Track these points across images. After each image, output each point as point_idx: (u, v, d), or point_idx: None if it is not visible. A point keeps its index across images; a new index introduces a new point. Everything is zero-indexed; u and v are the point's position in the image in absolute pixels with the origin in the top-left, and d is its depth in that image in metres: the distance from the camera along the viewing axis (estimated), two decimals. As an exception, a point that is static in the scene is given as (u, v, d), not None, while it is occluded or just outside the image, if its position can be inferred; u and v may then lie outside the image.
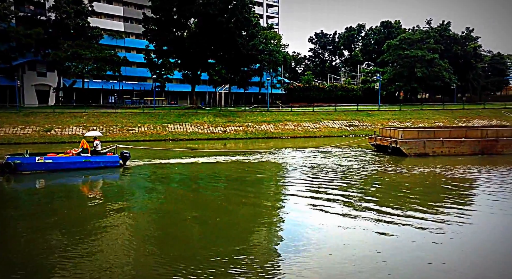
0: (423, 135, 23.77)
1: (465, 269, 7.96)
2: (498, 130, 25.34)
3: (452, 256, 8.49)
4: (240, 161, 22.32)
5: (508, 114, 48.63)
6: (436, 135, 23.88)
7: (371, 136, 27.00)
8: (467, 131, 24.98)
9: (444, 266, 8.00)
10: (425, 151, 23.22)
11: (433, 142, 23.39)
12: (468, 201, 13.28)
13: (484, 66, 75.73)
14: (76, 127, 34.97)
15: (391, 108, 50.86)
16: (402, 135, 23.38)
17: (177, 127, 37.62)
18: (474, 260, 8.43)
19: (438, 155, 23.23)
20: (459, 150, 23.54)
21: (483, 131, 24.85)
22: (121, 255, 8.63)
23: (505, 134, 24.77)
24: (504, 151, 23.96)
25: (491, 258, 8.55)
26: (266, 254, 8.72)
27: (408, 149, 23.05)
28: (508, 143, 24.22)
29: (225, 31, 43.66)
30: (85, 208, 12.82)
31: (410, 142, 23.11)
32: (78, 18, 48.59)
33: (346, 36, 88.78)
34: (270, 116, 42.71)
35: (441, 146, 23.38)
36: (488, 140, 24.10)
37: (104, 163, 19.75)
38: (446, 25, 74.72)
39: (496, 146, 24.03)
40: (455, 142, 23.59)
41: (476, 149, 23.78)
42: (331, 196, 13.72)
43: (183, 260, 8.32)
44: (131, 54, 65.09)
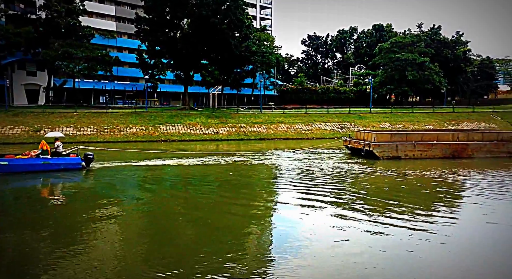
0: (395, 138, 23.70)
1: (452, 265, 8.06)
2: (469, 133, 25.39)
3: (442, 257, 8.58)
4: (206, 163, 21.88)
5: (496, 118, 49.42)
6: (408, 139, 23.86)
7: (346, 138, 26.86)
8: (439, 134, 24.98)
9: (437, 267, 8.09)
10: (398, 154, 23.14)
11: (405, 145, 23.29)
12: (446, 203, 13.40)
13: (473, 70, 76.95)
14: (67, 127, 34.55)
15: (383, 111, 51.29)
16: (375, 138, 23.31)
17: (169, 128, 37.42)
18: (461, 258, 8.53)
19: (410, 158, 23.15)
20: (430, 154, 23.51)
21: (454, 135, 24.85)
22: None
23: (475, 138, 24.81)
24: (474, 155, 24.00)
25: (477, 257, 8.66)
26: (259, 255, 8.70)
27: (381, 152, 22.96)
28: (478, 147, 24.22)
29: (218, 32, 43.61)
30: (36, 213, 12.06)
31: (383, 145, 23.02)
32: (69, 17, 48.08)
33: (339, 39, 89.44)
34: (263, 118, 42.75)
35: (413, 149, 23.31)
36: (459, 144, 24.09)
37: (65, 165, 18.72)
38: (436, 29, 75.75)
39: (466, 149, 24.04)
40: (426, 145, 23.56)
41: (447, 152, 23.77)
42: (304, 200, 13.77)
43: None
44: (123, 54, 64.65)
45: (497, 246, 9.54)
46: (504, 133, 25.94)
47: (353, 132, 28.59)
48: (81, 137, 33.53)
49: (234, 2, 44.03)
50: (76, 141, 32.71)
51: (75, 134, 33.91)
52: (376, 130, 30.18)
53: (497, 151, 24.35)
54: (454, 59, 72.80)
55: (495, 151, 24.34)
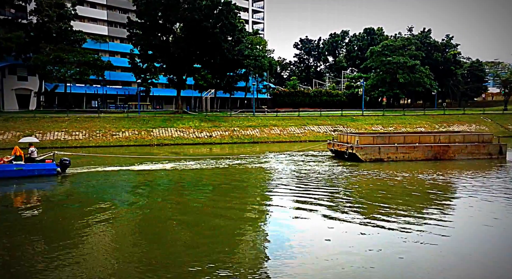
0: (378, 141, 23.70)
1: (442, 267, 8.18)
2: (450, 135, 25.48)
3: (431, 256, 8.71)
4: (179, 168, 21.60)
5: (486, 120, 50.09)
6: (391, 141, 23.89)
7: (330, 141, 26.84)
8: (421, 136, 25.02)
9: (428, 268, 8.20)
10: (380, 156, 23.11)
11: (388, 148, 23.30)
12: (436, 205, 13.55)
13: (463, 72, 77.92)
14: (58, 132, 34.29)
15: (375, 113, 51.73)
16: (358, 140, 23.28)
17: (162, 132, 37.32)
18: (452, 260, 8.65)
19: (392, 160, 23.17)
20: (412, 156, 23.52)
21: (436, 137, 24.91)
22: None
23: (456, 140, 24.91)
24: (456, 157, 24.11)
25: (468, 258, 8.80)
26: (252, 258, 8.74)
27: (364, 155, 22.93)
28: (460, 149, 24.31)
29: (210, 36, 43.72)
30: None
31: (365, 148, 23.00)
32: (61, 22, 47.81)
33: (330, 42, 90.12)
34: (256, 121, 42.83)
35: (395, 152, 23.31)
36: (441, 146, 24.18)
37: (39, 171, 18.13)
38: (427, 32, 76.79)
39: (448, 151, 24.13)
40: (408, 147, 23.60)
41: (429, 154, 23.81)
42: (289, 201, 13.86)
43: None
44: (115, 58, 64.41)
45: (487, 247, 9.70)
46: (485, 135, 26.02)
47: (336, 135, 28.27)
48: (73, 142, 33.30)
49: (227, 6, 44.22)
50: (68, 145, 32.52)
51: (66, 139, 33.66)
52: (359, 133, 29.97)
53: (478, 153, 24.48)
54: (444, 62, 73.80)
55: (475, 152, 24.45)
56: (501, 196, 14.42)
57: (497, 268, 8.33)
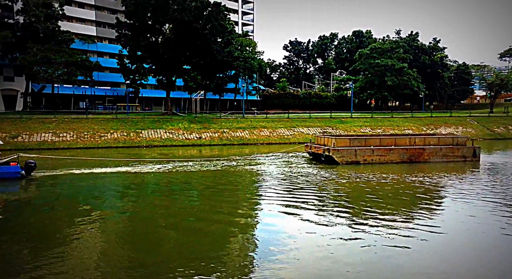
0: (354, 143, 23.73)
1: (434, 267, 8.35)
2: (425, 138, 25.59)
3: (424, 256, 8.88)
4: (129, 172, 21.51)
5: (473, 122, 51.02)
6: (367, 143, 23.90)
7: (307, 144, 26.73)
8: (396, 139, 25.10)
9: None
10: (357, 159, 23.13)
11: (364, 150, 23.33)
12: (419, 208, 13.80)
13: (450, 75, 79.27)
14: (45, 133, 33.82)
15: (363, 116, 52.24)
16: (335, 143, 23.24)
17: (151, 134, 37.11)
18: (437, 263, 8.84)
19: (369, 163, 23.21)
20: (388, 158, 23.58)
21: (411, 139, 25.02)
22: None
23: (431, 142, 25.05)
24: (430, 159, 24.23)
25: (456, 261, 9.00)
26: (241, 260, 8.79)
27: (340, 157, 22.90)
28: (434, 151, 24.42)
29: (200, 37, 43.68)
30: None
31: (342, 150, 23.00)
32: (48, 22, 47.26)
33: (320, 45, 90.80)
34: (246, 123, 42.89)
35: (371, 154, 23.35)
36: (416, 148, 24.25)
37: (1, 174, 17.70)
38: (414, 35, 77.92)
39: (423, 154, 24.22)
40: (384, 150, 23.68)
41: (404, 157, 23.88)
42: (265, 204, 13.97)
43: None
44: (104, 59, 63.83)
45: (470, 249, 9.92)
46: (459, 138, 26.26)
47: (314, 137, 27.99)
48: (60, 143, 32.88)
49: (216, 7, 44.26)
50: (56, 147, 32.10)
51: (54, 140, 33.23)
52: (336, 135, 29.90)
53: (452, 155, 24.70)
54: (432, 65, 74.97)
55: (450, 155, 24.67)
56: (484, 199, 14.74)
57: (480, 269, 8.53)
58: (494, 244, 9.84)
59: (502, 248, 9.63)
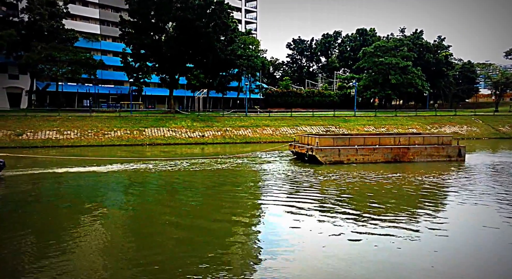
0: (338, 143, 23.21)
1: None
2: (410, 137, 25.10)
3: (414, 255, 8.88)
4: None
5: (477, 121, 50.70)
6: (351, 143, 23.39)
7: (291, 143, 26.15)
8: (381, 138, 24.59)
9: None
10: (340, 158, 22.59)
11: (348, 150, 22.83)
12: (410, 207, 13.77)
13: (455, 74, 78.80)
14: (49, 131, 34.03)
15: (367, 114, 52.07)
16: (318, 142, 22.68)
17: (154, 132, 37.23)
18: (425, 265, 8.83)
19: (352, 162, 22.68)
20: (372, 158, 23.10)
21: (396, 139, 24.46)
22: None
23: (416, 142, 24.59)
24: (415, 159, 23.81)
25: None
26: (244, 259, 8.80)
27: (324, 157, 22.32)
28: (419, 151, 24.01)
29: (203, 35, 43.70)
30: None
31: (325, 150, 22.44)
32: (52, 20, 47.48)
33: (323, 43, 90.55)
34: (248, 121, 42.90)
35: (355, 154, 22.83)
36: (400, 148, 23.82)
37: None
38: (419, 33, 77.50)
39: (407, 153, 23.81)
40: (368, 149, 23.14)
41: (388, 156, 23.42)
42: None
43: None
44: (108, 57, 64.08)
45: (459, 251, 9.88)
46: (444, 137, 25.84)
47: (298, 136, 27.40)
48: (64, 141, 33.08)
49: (219, 5, 44.24)
50: (60, 145, 32.31)
51: (58, 138, 33.43)
52: (319, 134, 29.12)
53: (437, 155, 24.32)
54: (436, 63, 74.55)
55: (435, 155, 24.28)
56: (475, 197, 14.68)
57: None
58: (495, 244, 9.80)
59: (503, 248, 9.59)
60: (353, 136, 27.21)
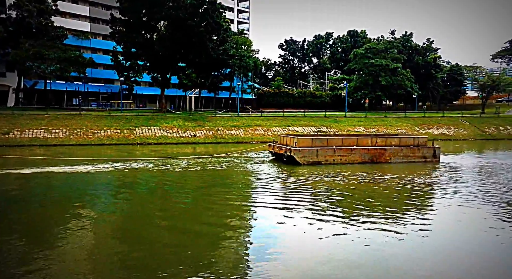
0: (316, 143, 23.25)
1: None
2: (387, 138, 25.30)
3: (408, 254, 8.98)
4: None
5: (464, 122, 51.54)
6: (329, 143, 23.48)
7: (270, 143, 26.05)
8: (358, 139, 24.73)
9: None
10: (318, 159, 22.65)
11: (326, 151, 22.91)
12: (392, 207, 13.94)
13: (443, 76, 79.96)
14: (37, 130, 33.47)
15: (357, 115, 52.49)
16: (296, 143, 22.64)
17: (145, 131, 36.92)
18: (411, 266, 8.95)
19: (330, 163, 22.75)
20: (350, 159, 23.23)
21: (373, 140, 24.65)
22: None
23: (393, 143, 24.84)
24: (391, 160, 24.09)
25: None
26: (236, 261, 8.78)
27: (302, 158, 22.30)
28: (396, 152, 24.28)
29: (195, 35, 43.50)
30: None
31: (303, 151, 22.43)
32: (41, 17, 46.71)
33: (315, 44, 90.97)
34: (240, 121, 42.86)
35: (333, 155, 22.93)
36: (377, 149, 24.01)
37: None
38: (408, 36, 78.42)
39: (384, 154, 24.02)
40: (346, 150, 23.28)
41: (366, 157, 23.61)
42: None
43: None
44: (98, 56, 63.32)
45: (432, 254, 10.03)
46: (420, 138, 26.12)
47: (277, 137, 27.24)
48: (53, 140, 32.58)
49: (212, 5, 44.10)
50: (48, 144, 31.80)
51: (46, 136, 32.91)
52: (298, 135, 29.06)
53: (413, 155, 24.60)
54: (425, 66, 75.56)
55: (410, 155, 24.55)
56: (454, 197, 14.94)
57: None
58: (480, 245, 9.98)
59: (489, 248, 9.77)
60: (331, 136, 27.16)
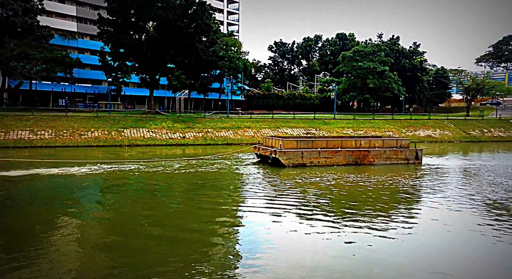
0: (301, 145, 23.21)
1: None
2: (370, 140, 25.40)
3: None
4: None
5: (450, 125, 52.49)
6: (314, 145, 23.51)
7: (256, 145, 25.99)
8: (343, 141, 24.79)
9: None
10: (303, 161, 22.67)
11: (311, 152, 22.93)
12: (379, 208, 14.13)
13: (429, 79, 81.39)
14: (22, 131, 32.78)
15: (346, 117, 52.97)
16: (282, 145, 22.62)
17: (133, 133, 36.52)
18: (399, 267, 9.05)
19: (315, 165, 22.80)
20: (334, 160, 23.36)
21: (357, 142, 24.85)
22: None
23: (376, 145, 25.07)
24: (375, 161, 24.26)
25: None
26: (224, 262, 8.73)
27: (287, 160, 22.27)
28: (379, 154, 24.45)
29: (184, 36, 43.29)
30: None
31: (288, 152, 22.40)
32: (26, 16, 45.85)
33: (304, 46, 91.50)
34: (230, 123, 42.78)
35: (318, 156, 23.01)
36: (361, 150, 24.17)
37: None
38: (395, 39, 79.58)
39: (368, 156, 24.19)
40: (330, 152, 23.39)
41: (350, 159, 23.73)
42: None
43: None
44: (85, 56, 62.48)
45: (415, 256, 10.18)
46: (403, 141, 26.38)
47: (263, 139, 27.11)
48: (38, 142, 31.96)
49: (201, 6, 43.98)
50: (33, 145, 31.17)
51: (31, 138, 32.26)
52: (283, 137, 29.00)
53: (396, 157, 24.88)
54: (412, 69, 76.77)
55: (393, 157, 24.83)
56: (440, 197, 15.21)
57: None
58: (464, 242, 10.17)
59: (474, 245, 9.95)
60: (316, 138, 27.24)
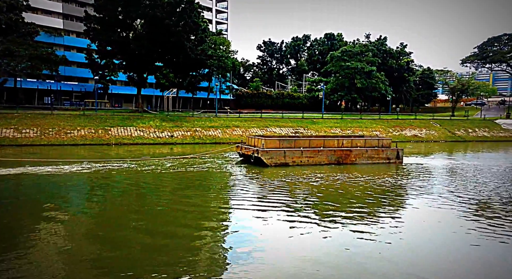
0: (284, 145, 23.20)
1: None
2: (352, 140, 25.64)
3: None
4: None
5: (436, 125, 53.43)
6: (296, 145, 23.48)
7: (238, 144, 25.95)
8: (325, 140, 24.88)
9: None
10: (286, 161, 22.65)
11: (293, 152, 22.93)
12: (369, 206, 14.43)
13: (415, 79, 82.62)
14: (6, 129, 32.20)
15: (334, 117, 53.44)
16: (264, 144, 22.55)
17: (121, 131, 36.21)
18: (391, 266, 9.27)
19: (298, 164, 22.78)
20: (317, 160, 23.42)
21: (339, 141, 24.98)
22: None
23: (358, 144, 25.14)
24: (357, 161, 24.46)
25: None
26: (212, 262, 8.80)
27: (269, 159, 22.20)
28: (361, 153, 24.68)
29: (172, 34, 43.06)
30: None
31: (271, 152, 22.34)
32: (11, 13, 44.95)
33: (293, 46, 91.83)
34: (218, 122, 42.76)
35: (300, 156, 23.01)
36: (343, 150, 24.34)
37: None
38: (383, 40, 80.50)
39: (350, 155, 24.38)
40: (313, 151, 23.44)
41: (332, 158, 23.84)
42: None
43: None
44: (71, 53, 61.58)
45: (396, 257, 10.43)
46: (384, 140, 26.66)
47: (246, 138, 27.12)
48: (23, 140, 31.44)
49: (190, 4, 43.79)
50: (18, 144, 30.67)
51: (16, 136, 31.72)
52: (265, 136, 28.97)
53: (377, 157, 25.16)
54: (398, 69, 77.82)
55: (375, 157, 25.12)
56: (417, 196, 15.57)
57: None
58: (449, 244, 10.45)
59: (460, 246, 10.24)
60: (299, 137, 27.27)
